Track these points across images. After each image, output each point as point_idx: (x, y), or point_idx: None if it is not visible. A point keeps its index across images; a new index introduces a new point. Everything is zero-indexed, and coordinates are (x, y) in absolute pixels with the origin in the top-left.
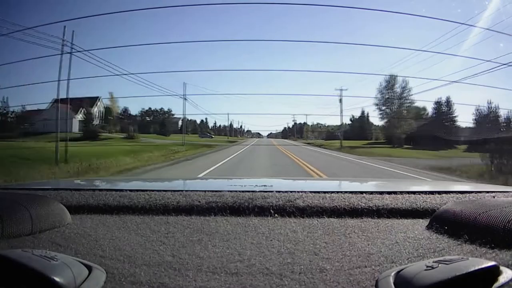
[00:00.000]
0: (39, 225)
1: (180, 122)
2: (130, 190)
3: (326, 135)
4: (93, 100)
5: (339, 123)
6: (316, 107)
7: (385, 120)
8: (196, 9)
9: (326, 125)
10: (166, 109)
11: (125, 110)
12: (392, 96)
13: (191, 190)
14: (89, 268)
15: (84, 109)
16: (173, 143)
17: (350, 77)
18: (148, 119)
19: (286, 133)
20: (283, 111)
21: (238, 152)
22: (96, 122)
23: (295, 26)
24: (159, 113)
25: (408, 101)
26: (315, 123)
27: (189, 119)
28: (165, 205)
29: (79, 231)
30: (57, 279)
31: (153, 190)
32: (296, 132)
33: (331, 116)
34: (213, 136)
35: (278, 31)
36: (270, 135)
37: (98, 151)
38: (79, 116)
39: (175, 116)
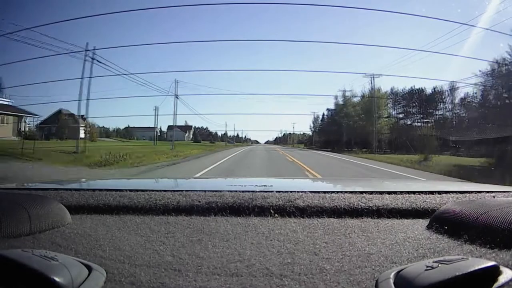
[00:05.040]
0: (39, 225)
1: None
2: (130, 190)
3: (298, 141)
4: (190, 126)
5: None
6: (307, 111)
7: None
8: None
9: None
10: (205, 127)
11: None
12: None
13: (191, 190)
14: (89, 268)
15: (190, 130)
16: (231, 144)
17: (349, 78)
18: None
19: (277, 141)
20: (281, 113)
21: (255, 146)
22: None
23: (294, 27)
24: (200, 130)
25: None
26: (301, 132)
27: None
28: (165, 205)
29: (79, 231)
30: (56, 279)
31: (153, 190)
32: (283, 140)
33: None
34: (234, 142)
35: (277, 34)
36: (267, 142)
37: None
38: (186, 134)
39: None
